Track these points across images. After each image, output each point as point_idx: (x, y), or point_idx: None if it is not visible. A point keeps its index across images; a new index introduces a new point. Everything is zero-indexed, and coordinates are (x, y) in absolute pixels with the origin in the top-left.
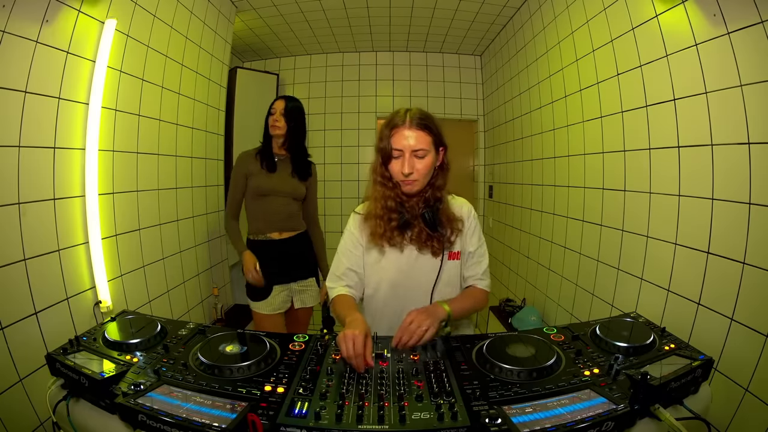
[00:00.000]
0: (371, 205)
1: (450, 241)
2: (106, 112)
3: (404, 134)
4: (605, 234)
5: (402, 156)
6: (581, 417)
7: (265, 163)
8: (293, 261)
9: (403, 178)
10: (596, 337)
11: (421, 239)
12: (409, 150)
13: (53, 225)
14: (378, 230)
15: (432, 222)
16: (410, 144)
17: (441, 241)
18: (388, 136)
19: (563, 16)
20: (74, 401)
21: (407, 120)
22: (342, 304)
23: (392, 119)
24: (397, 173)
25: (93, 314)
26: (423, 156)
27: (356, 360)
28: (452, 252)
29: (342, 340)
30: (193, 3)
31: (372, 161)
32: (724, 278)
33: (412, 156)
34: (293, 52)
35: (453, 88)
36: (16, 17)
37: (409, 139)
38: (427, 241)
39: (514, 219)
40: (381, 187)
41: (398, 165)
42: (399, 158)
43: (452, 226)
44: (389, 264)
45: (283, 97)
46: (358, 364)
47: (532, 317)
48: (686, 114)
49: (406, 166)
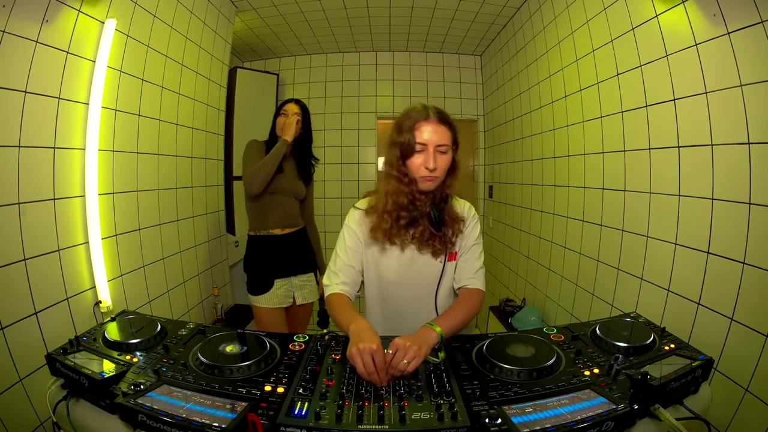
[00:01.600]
0: (380, 199)
1: (452, 241)
2: (106, 112)
3: (429, 128)
4: (605, 234)
5: (425, 150)
6: (581, 417)
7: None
8: (294, 255)
9: (426, 173)
10: (596, 337)
11: (423, 238)
12: (434, 145)
13: (53, 225)
14: (384, 225)
15: (438, 221)
16: (435, 139)
17: (443, 242)
18: (411, 130)
19: (563, 16)
20: (74, 401)
21: (430, 114)
22: (340, 306)
23: (414, 113)
24: (419, 168)
25: (93, 314)
26: (445, 152)
27: (380, 375)
28: (451, 253)
29: (357, 356)
30: (193, 3)
31: (387, 155)
32: (724, 278)
33: (435, 151)
34: (293, 52)
35: (453, 88)
36: (16, 17)
37: (434, 133)
38: (429, 240)
39: (514, 219)
40: (396, 182)
41: (420, 160)
42: (422, 152)
43: (454, 227)
44: (388, 262)
45: (295, 100)
46: (381, 379)
47: (532, 317)
48: (686, 114)
49: (431, 160)
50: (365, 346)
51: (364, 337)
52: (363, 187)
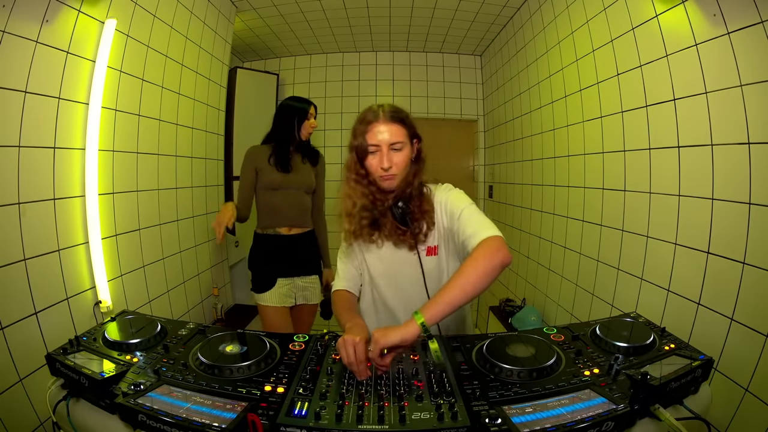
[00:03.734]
0: (342, 202)
1: (424, 234)
2: (106, 112)
3: (379, 129)
4: (605, 234)
5: (379, 150)
6: (581, 417)
7: (281, 166)
8: (299, 258)
9: (382, 173)
10: (596, 337)
11: (393, 235)
12: (386, 144)
13: (53, 225)
14: (347, 227)
15: (402, 217)
16: (386, 138)
17: (414, 235)
18: (363, 132)
19: (563, 16)
20: (74, 401)
21: (380, 114)
22: (342, 304)
23: (365, 116)
24: (376, 169)
25: (93, 314)
26: (400, 149)
27: (358, 366)
28: (429, 247)
29: (342, 346)
30: (193, 3)
31: (346, 160)
32: (724, 278)
33: (389, 150)
34: (293, 52)
35: (453, 88)
36: (16, 17)
37: (384, 133)
38: (400, 236)
39: (514, 219)
40: (356, 185)
41: (376, 160)
42: (376, 153)
43: (428, 219)
44: (372, 260)
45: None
46: (359, 370)
47: (532, 317)
48: (686, 114)
49: (385, 160)
50: (350, 337)
51: (354, 331)
52: None
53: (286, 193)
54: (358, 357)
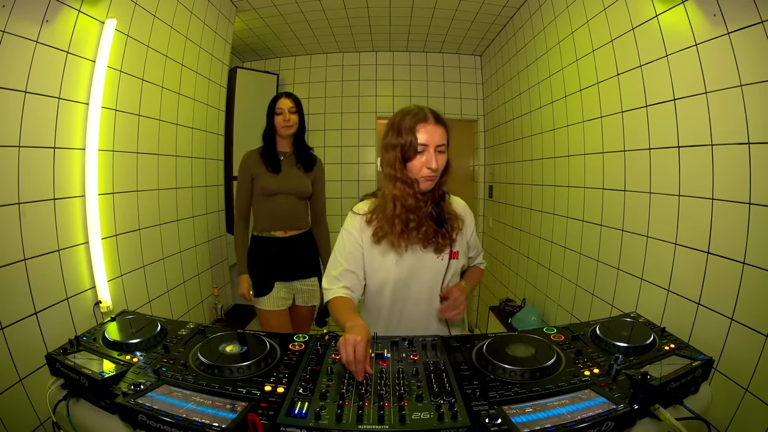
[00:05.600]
0: (387, 204)
1: (452, 237)
2: (106, 112)
3: (430, 129)
4: (605, 234)
5: (426, 151)
6: (581, 417)
7: (269, 165)
8: (296, 259)
9: (428, 174)
10: (596, 337)
11: (428, 236)
12: (434, 145)
13: (53, 225)
14: (396, 230)
15: (440, 218)
16: (435, 139)
17: (446, 237)
18: (412, 131)
19: (563, 16)
20: (74, 401)
21: (430, 115)
22: (341, 307)
23: (414, 114)
24: (421, 169)
25: (93, 314)
26: (444, 151)
27: (356, 366)
28: (453, 251)
29: (342, 345)
30: (193, 3)
31: (386, 158)
32: (724, 278)
33: (435, 151)
34: (293, 52)
35: (453, 88)
36: (16, 17)
37: (434, 134)
38: (433, 237)
39: (514, 219)
40: (402, 185)
41: (423, 160)
42: (423, 153)
43: (453, 223)
44: (394, 263)
45: (286, 94)
46: (358, 370)
47: (532, 317)
48: (686, 114)
49: (434, 161)
50: (352, 336)
51: (355, 331)
52: (363, 187)
53: (280, 199)
54: (357, 357)
